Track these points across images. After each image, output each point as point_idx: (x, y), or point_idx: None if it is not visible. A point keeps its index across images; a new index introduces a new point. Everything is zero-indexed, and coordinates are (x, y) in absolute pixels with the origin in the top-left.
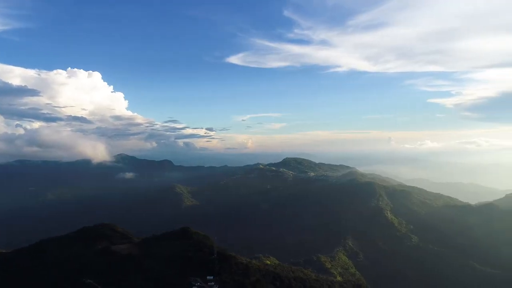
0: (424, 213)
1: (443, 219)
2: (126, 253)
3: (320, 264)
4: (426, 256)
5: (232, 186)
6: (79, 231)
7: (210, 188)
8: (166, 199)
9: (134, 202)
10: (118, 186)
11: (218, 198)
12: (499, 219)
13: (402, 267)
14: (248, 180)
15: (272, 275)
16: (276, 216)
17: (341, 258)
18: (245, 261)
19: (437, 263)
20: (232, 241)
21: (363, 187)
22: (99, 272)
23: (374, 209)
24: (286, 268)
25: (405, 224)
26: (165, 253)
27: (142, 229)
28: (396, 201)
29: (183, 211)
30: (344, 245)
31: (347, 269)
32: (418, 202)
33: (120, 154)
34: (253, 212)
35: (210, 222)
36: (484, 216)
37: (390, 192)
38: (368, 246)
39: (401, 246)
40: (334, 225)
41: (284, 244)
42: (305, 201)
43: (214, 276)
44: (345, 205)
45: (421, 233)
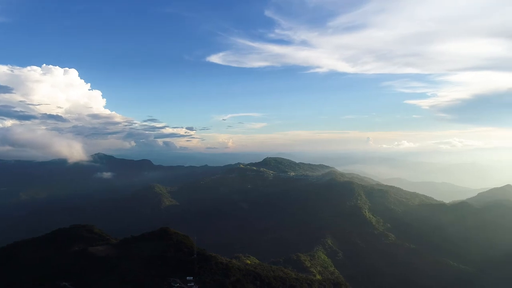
0: (400, 211)
1: (419, 217)
2: (103, 255)
3: (300, 263)
4: (403, 253)
5: (213, 185)
6: (54, 233)
7: (190, 188)
8: (145, 199)
9: (112, 202)
10: (95, 186)
11: (198, 198)
12: (472, 217)
13: (379, 264)
14: (229, 179)
15: (253, 274)
16: (256, 215)
17: (321, 257)
18: (225, 261)
19: (413, 260)
20: (213, 241)
21: (342, 187)
22: (75, 274)
23: (353, 208)
24: (266, 267)
25: (383, 222)
26: (144, 254)
27: (120, 230)
28: (374, 200)
29: (163, 211)
30: (324, 244)
31: (326, 267)
32: (395, 201)
33: (97, 154)
34: (234, 212)
35: (190, 222)
36: (457, 214)
37: (368, 191)
38: (347, 244)
39: (378, 244)
40: (314, 224)
41: (264, 243)
42: (285, 200)
43: (194, 277)
44: (324, 204)
45: (398, 231)
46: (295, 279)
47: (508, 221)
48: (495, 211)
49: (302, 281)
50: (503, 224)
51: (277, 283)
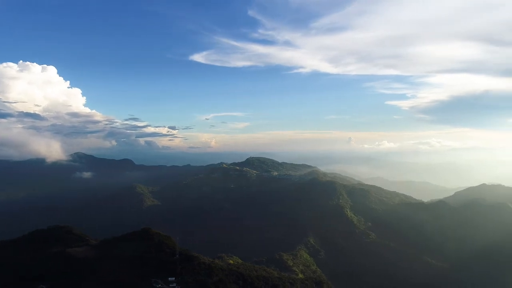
0: (381, 210)
1: (399, 216)
2: (82, 256)
3: (283, 262)
4: (383, 251)
5: (195, 185)
6: (32, 234)
7: (172, 188)
8: (126, 199)
9: (92, 202)
10: (74, 186)
11: (180, 197)
12: (449, 216)
13: (360, 262)
14: (212, 179)
15: (235, 274)
16: (239, 215)
17: (303, 256)
18: (207, 261)
19: (393, 257)
20: (195, 241)
21: (324, 186)
22: (53, 277)
23: (335, 207)
24: (249, 267)
25: (364, 221)
26: (125, 255)
27: (101, 231)
28: (356, 199)
29: (144, 212)
30: (306, 243)
31: (309, 266)
32: (375, 200)
33: (77, 153)
34: (216, 212)
35: (172, 222)
36: (435, 213)
37: (349, 190)
38: (328, 243)
39: (360, 242)
40: (296, 223)
41: (247, 243)
42: (268, 200)
43: (176, 277)
44: (307, 203)
45: (378, 229)
46: (278, 278)
47: (482, 219)
48: (471, 210)
49: (284, 280)
50: (478, 222)
51: (260, 283)
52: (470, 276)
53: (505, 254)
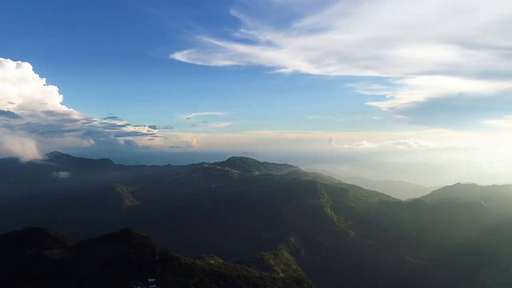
0: (360, 209)
1: (378, 215)
2: (59, 259)
3: (264, 262)
4: (363, 249)
5: (176, 185)
6: (6, 236)
7: (152, 188)
8: (105, 199)
9: (70, 203)
10: (50, 186)
11: (161, 197)
12: (426, 214)
13: (340, 260)
14: (193, 179)
15: (216, 274)
16: (220, 215)
17: (284, 255)
18: (188, 261)
19: (372, 255)
20: (176, 241)
21: (305, 186)
22: (28, 279)
23: (316, 207)
24: (230, 267)
25: (344, 220)
26: (103, 257)
27: (78, 232)
28: (336, 199)
29: (124, 212)
30: (287, 242)
31: (290, 265)
32: (355, 199)
33: (53, 152)
34: (198, 212)
35: (152, 222)
36: (413, 211)
37: (330, 190)
38: (309, 242)
39: (340, 241)
40: (278, 223)
41: (228, 243)
42: (250, 199)
43: (156, 278)
44: (288, 203)
45: (358, 228)
46: (259, 278)
47: (457, 217)
48: (447, 208)
49: (265, 279)
50: (454, 220)
51: (241, 282)
52: (446, 271)
53: (478, 250)
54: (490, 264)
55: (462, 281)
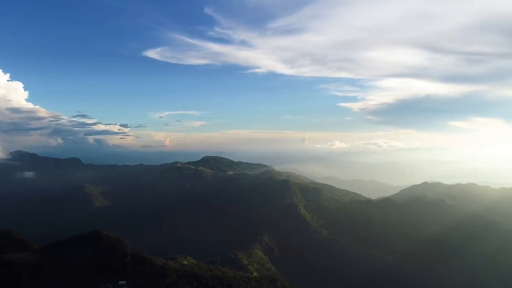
0: (333, 208)
1: (349, 213)
2: (23, 263)
3: (238, 261)
4: (335, 247)
5: (148, 185)
6: None
7: (123, 188)
8: (73, 200)
9: (35, 205)
10: (15, 187)
11: (132, 198)
12: (395, 212)
13: (313, 259)
14: (165, 179)
15: (189, 275)
16: (194, 215)
17: (258, 254)
18: (161, 262)
19: (344, 253)
20: (148, 242)
21: (279, 185)
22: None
23: (289, 206)
24: (203, 267)
25: (316, 219)
26: (72, 260)
27: (45, 235)
28: (309, 198)
29: (93, 213)
30: (261, 242)
31: (263, 264)
32: (328, 198)
33: (17, 151)
34: (170, 212)
35: (123, 223)
36: (383, 210)
37: (303, 189)
38: (283, 241)
39: (313, 240)
40: (252, 222)
41: (202, 243)
42: (224, 199)
43: (127, 281)
44: (262, 202)
45: (331, 226)
46: (233, 278)
47: (424, 215)
48: (414, 206)
49: (239, 279)
50: (421, 218)
51: (214, 283)
52: (413, 267)
53: (444, 246)
54: (454, 258)
55: (428, 275)
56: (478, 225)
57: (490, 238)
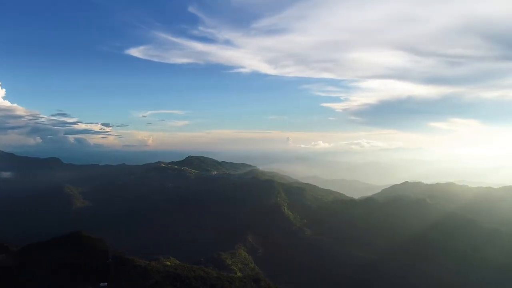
0: (316, 207)
1: (332, 213)
2: (0, 266)
3: (221, 262)
4: (318, 246)
5: (131, 185)
6: None
7: (105, 188)
8: (53, 201)
9: (13, 205)
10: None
11: (114, 198)
12: (377, 211)
13: (297, 258)
14: (148, 179)
15: (172, 276)
16: (177, 215)
17: (241, 254)
18: (143, 263)
19: (327, 252)
20: (130, 243)
21: (263, 185)
22: None
23: (273, 206)
24: (187, 268)
25: (300, 218)
26: (52, 262)
27: (24, 236)
28: (292, 197)
29: (74, 214)
30: (244, 241)
31: (247, 264)
32: (311, 197)
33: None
34: (153, 212)
35: (105, 224)
36: (365, 209)
37: (287, 189)
38: (267, 240)
39: (296, 239)
40: (235, 222)
41: (186, 243)
42: (207, 199)
43: (109, 282)
44: (246, 202)
45: (314, 226)
46: (216, 278)
47: (405, 214)
48: (396, 205)
49: (223, 279)
50: (402, 216)
51: (198, 283)
52: (395, 265)
53: (424, 244)
54: (434, 255)
55: (410, 272)
56: (456, 223)
57: (467, 235)
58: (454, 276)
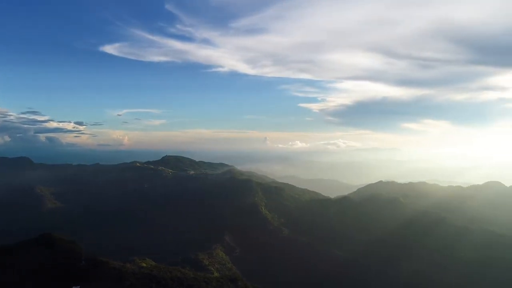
0: (293, 207)
1: (309, 212)
2: None
3: (198, 262)
4: (295, 246)
5: (105, 185)
6: None
7: (78, 189)
8: (22, 202)
9: None
10: None
11: (88, 199)
12: (352, 210)
13: (274, 257)
14: (124, 179)
15: (148, 277)
16: (154, 216)
17: (219, 254)
18: (118, 265)
19: (304, 251)
20: (105, 245)
21: (240, 185)
22: None
23: (251, 205)
24: (163, 269)
25: (277, 218)
26: (21, 265)
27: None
28: (270, 197)
29: (45, 216)
30: (222, 241)
31: (224, 264)
32: (288, 197)
33: None
34: (129, 213)
35: (78, 226)
36: (341, 208)
37: (265, 188)
38: (244, 240)
39: (273, 239)
40: (213, 222)
41: (162, 244)
42: (185, 199)
43: (82, 285)
44: (223, 202)
45: (291, 225)
46: (193, 279)
47: (380, 212)
48: (370, 204)
49: (200, 280)
50: (376, 215)
51: (174, 284)
52: (369, 263)
53: (398, 241)
54: (406, 253)
55: (384, 269)
56: (428, 221)
57: (439, 233)
58: (426, 272)
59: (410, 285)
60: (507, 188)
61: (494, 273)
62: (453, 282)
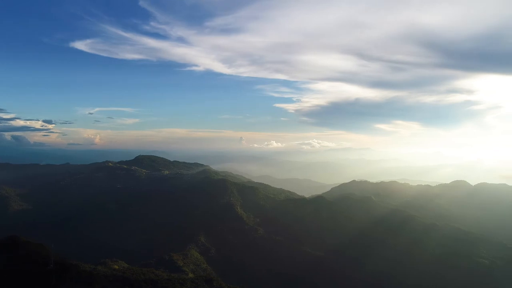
0: (268, 206)
1: (284, 211)
2: None
3: (173, 263)
4: (270, 245)
5: (75, 186)
6: None
7: (47, 190)
8: None
9: None
10: None
11: (57, 200)
12: (326, 209)
13: (249, 257)
14: (95, 179)
15: (121, 280)
16: (126, 217)
17: (194, 255)
18: (88, 268)
19: (279, 251)
20: (75, 248)
21: (216, 184)
22: None
23: (226, 205)
24: (136, 270)
25: (253, 217)
26: None
27: None
28: (245, 197)
29: (10, 218)
30: (196, 242)
31: (199, 265)
32: (264, 197)
33: None
34: (100, 214)
35: (46, 228)
36: (315, 207)
37: (240, 188)
38: (219, 240)
39: (249, 238)
40: (188, 223)
41: (135, 245)
42: (159, 200)
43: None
44: (198, 202)
45: (266, 225)
46: (167, 280)
47: (352, 211)
48: (343, 203)
49: (174, 281)
50: (349, 213)
51: (148, 286)
52: (342, 261)
53: (370, 239)
54: (378, 250)
55: (354, 268)
56: (398, 219)
57: (409, 230)
58: (398, 267)
59: (379, 280)
60: (473, 187)
61: (460, 267)
62: (421, 277)
